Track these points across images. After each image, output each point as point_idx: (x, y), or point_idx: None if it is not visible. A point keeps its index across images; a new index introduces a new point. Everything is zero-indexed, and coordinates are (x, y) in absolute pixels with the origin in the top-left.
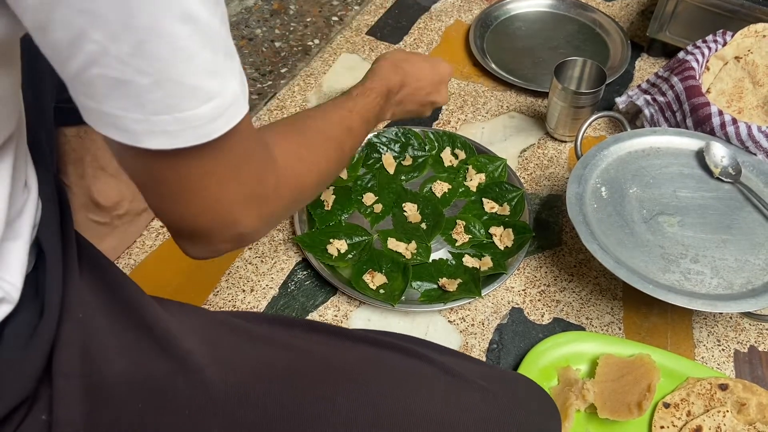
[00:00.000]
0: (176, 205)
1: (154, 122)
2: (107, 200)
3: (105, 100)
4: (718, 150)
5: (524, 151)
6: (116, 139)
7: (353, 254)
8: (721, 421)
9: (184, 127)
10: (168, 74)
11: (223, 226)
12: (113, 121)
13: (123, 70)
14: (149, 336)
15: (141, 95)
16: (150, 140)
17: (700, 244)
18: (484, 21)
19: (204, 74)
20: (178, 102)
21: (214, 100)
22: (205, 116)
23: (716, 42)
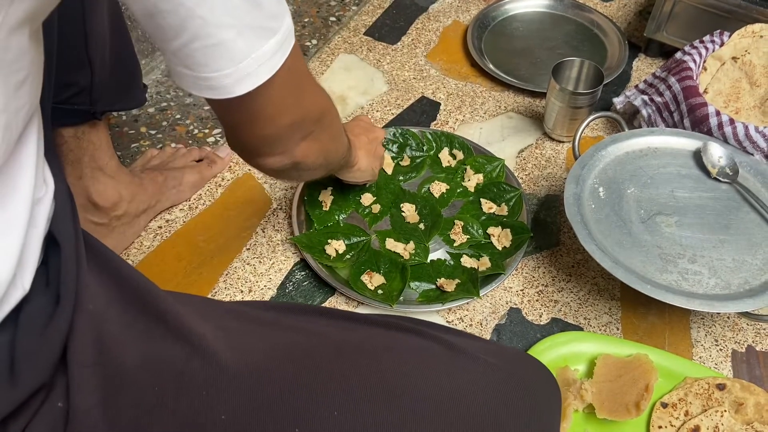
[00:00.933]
0: (257, 127)
1: (240, 69)
2: (105, 201)
3: (202, 68)
4: (715, 150)
5: (522, 152)
6: (213, 97)
7: (351, 255)
8: (719, 420)
9: (261, 64)
10: (246, 21)
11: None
12: (209, 84)
13: (217, 33)
14: (162, 323)
15: (230, 49)
16: (239, 88)
17: (697, 245)
18: (482, 21)
19: (269, 17)
20: (254, 45)
21: (276, 35)
22: (271, 50)
23: (713, 42)
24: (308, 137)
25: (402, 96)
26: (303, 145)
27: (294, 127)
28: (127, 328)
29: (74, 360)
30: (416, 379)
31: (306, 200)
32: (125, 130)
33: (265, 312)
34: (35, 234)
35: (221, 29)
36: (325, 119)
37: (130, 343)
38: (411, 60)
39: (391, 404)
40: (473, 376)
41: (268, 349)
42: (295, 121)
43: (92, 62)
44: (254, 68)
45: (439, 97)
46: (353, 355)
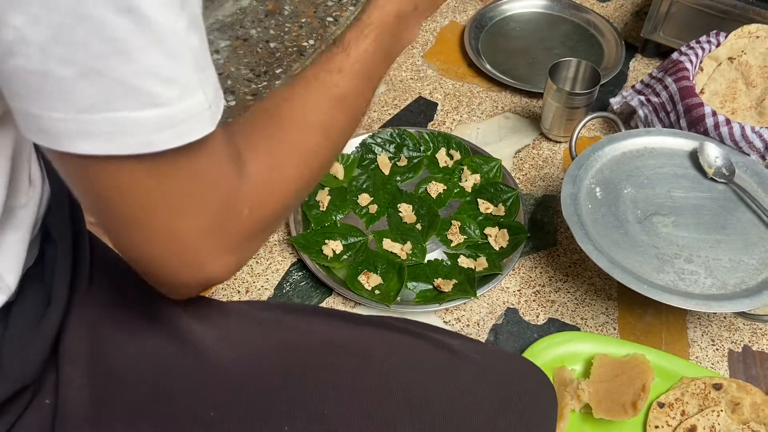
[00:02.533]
0: (125, 231)
1: (82, 121)
2: None
3: (27, 98)
4: (711, 150)
5: (519, 152)
6: (43, 144)
7: (348, 255)
8: (716, 420)
9: (119, 130)
10: (94, 66)
11: (184, 266)
12: (38, 124)
13: (43, 60)
14: (156, 320)
15: (63, 89)
16: (78, 143)
17: (694, 245)
18: (479, 22)
19: (150, 76)
20: (109, 99)
21: (162, 108)
22: (147, 123)
23: (710, 43)
24: (227, 250)
25: (399, 96)
26: (221, 259)
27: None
28: (123, 327)
29: (65, 357)
30: (409, 378)
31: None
32: None
33: (262, 312)
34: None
35: (48, 58)
36: (267, 229)
37: (123, 341)
38: (408, 60)
39: (382, 401)
40: (467, 377)
41: (261, 346)
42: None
43: None
44: (108, 130)
45: (436, 98)
46: (346, 352)
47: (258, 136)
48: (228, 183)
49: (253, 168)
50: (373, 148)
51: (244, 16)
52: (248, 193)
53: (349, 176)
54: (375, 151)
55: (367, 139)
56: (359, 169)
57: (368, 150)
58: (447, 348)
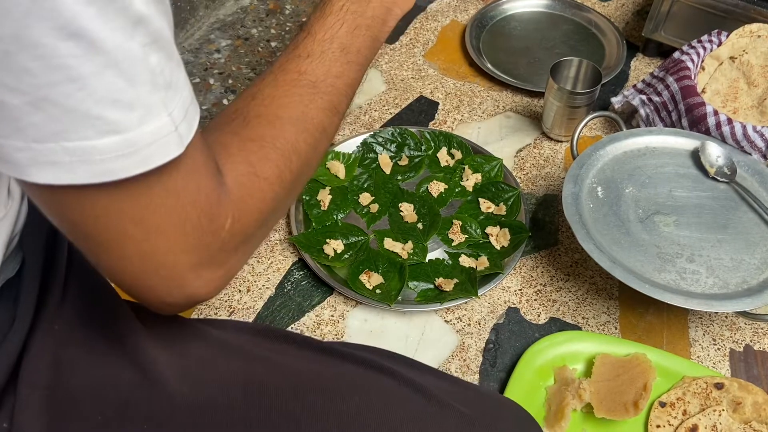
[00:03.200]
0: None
1: (39, 151)
2: None
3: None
4: (713, 150)
5: (520, 151)
6: (5, 171)
7: (350, 254)
8: (717, 420)
9: (77, 159)
10: (45, 94)
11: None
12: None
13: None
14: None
15: (15, 118)
16: (37, 172)
17: (695, 244)
18: (480, 21)
19: (105, 102)
20: (64, 129)
21: (121, 134)
22: (107, 151)
23: (711, 42)
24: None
25: (400, 95)
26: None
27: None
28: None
29: (24, 381)
30: (378, 427)
31: (304, 200)
32: None
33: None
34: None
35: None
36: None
37: (84, 367)
38: (409, 59)
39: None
40: (442, 426)
41: (223, 380)
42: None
43: None
44: (65, 160)
45: (438, 97)
46: (313, 396)
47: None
48: (207, 199)
49: (231, 177)
50: (374, 148)
51: (245, 15)
52: (228, 204)
53: (350, 175)
54: (376, 151)
55: (368, 138)
56: (360, 168)
57: (369, 149)
58: (426, 393)
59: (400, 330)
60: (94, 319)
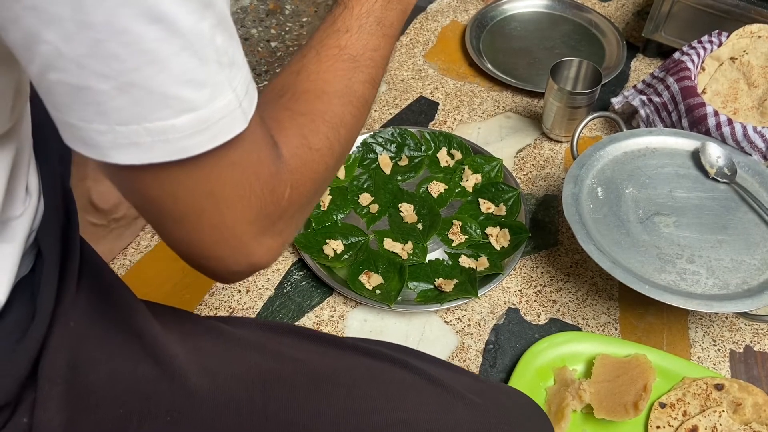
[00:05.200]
0: (177, 229)
1: (121, 133)
2: (105, 203)
3: (67, 109)
4: (713, 150)
5: (520, 152)
6: (85, 153)
7: (349, 255)
8: (717, 421)
9: (156, 139)
10: (131, 78)
11: (234, 254)
12: (80, 134)
13: (80, 74)
14: (137, 341)
15: (102, 102)
16: (118, 154)
17: (695, 245)
18: (480, 21)
19: (181, 83)
20: (146, 110)
21: (195, 112)
22: (184, 129)
23: (711, 42)
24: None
25: (400, 96)
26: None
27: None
28: (104, 346)
29: (44, 376)
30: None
31: None
32: None
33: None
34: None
35: (85, 72)
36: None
37: (103, 362)
38: (409, 60)
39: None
40: (454, 413)
41: (242, 374)
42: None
43: None
44: (146, 140)
45: (438, 97)
46: (330, 387)
47: (284, 116)
48: (268, 170)
49: (287, 149)
50: (374, 148)
51: (245, 15)
52: (286, 175)
53: (350, 176)
54: (376, 151)
55: (368, 138)
56: (360, 168)
57: (369, 149)
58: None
59: (399, 330)
60: (110, 316)
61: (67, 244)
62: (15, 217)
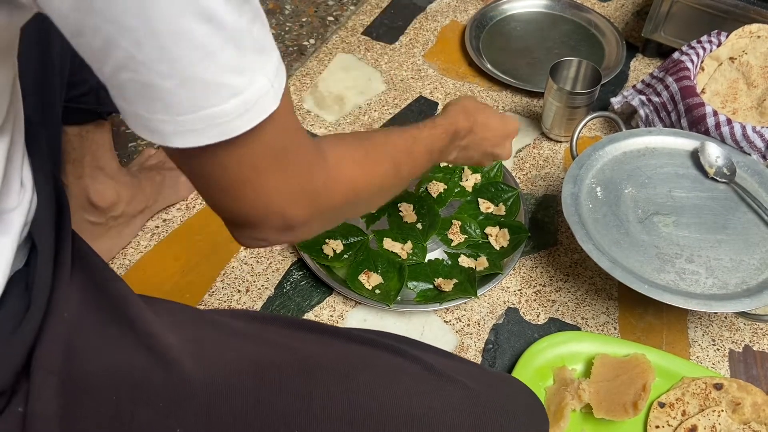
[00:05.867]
0: (224, 197)
1: (180, 122)
2: (103, 201)
3: (135, 102)
4: (712, 150)
5: (520, 152)
6: (149, 139)
7: (349, 254)
8: (716, 420)
9: (210, 124)
10: (189, 73)
11: (271, 217)
12: (145, 123)
13: (148, 74)
14: (131, 331)
15: (166, 98)
16: (178, 140)
17: (695, 244)
18: (480, 21)
19: (228, 71)
20: (201, 100)
21: (239, 96)
22: (231, 112)
23: (711, 42)
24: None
25: (400, 96)
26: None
27: (278, 212)
28: (99, 337)
29: (38, 366)
30: (386, 401)
31: None
32: (122, 129)
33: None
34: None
35: (152, 73)
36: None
37: (97, 352)
38: (409, 60)
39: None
40: (448, 399)
41: (234, 362)
42: (283, 206)
43: None
44: (201, 127)
45: (437, 97)
46: (322, 373)
47: (339, 141)
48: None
49: (333, 157)
50: None
51: None
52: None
53: None
54: None
55: None
56: None
57: None
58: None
59: (399, 330)
60: (104, 307)
61: (60, 236)
62: (10, 209)
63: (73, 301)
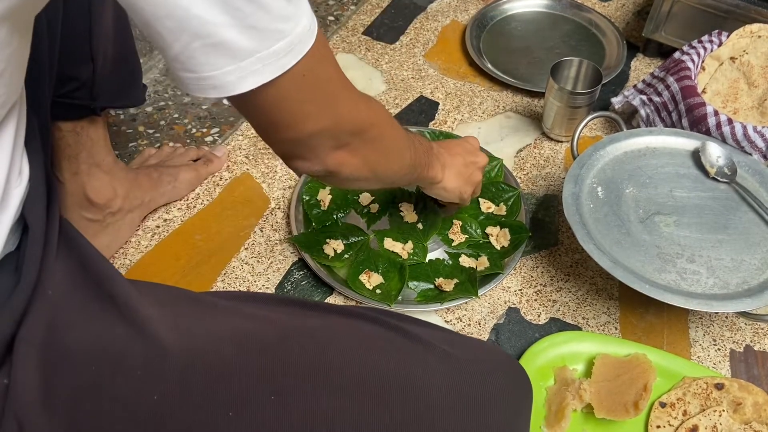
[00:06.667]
0: (283, 131)
1: (243, 67)
2: (100, 198)
3: (203, 67)
4: (713, 150)
5: (520, 151)
6: (216, 97)
7: (350, 254)
8: (717, 420)
9: (266, 63)
10: (249, 22)
11: (318, 153)
12: (211, 83)
13: (217, 32)
14: (113, 306)
15: (230, 48)
16: (243, 85)
17: (696, 244)
18: (481, 21)
19: (277, 19)
20: (259, 44)
21: (287, 38)
22: (281, 51)
23: (712, 42)
24: (343, 148)
25: (400, 95)
26: (336, 155)
27: (320, 136)
28: (81, 311)
29: (22, 339)
30: (361, 365)
31: (304, 200)
32: (123, 129)
33: (227, 300)
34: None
35: (220, 28)
36: (368, 133)
37: (79, 326)
38: (409, 59)
39: (331, 388)
40: (424, 363)
41: (212, 333)
42: (321, 130)
43: (95, 58)
44: (258, 67)
45: (438, 97)
46: (300, 340)
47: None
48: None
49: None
50: None
51: None
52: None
53: None
54: None
55: None
56: None
57: None
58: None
59: None
60: (88, 284)
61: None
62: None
63: (58, 279)
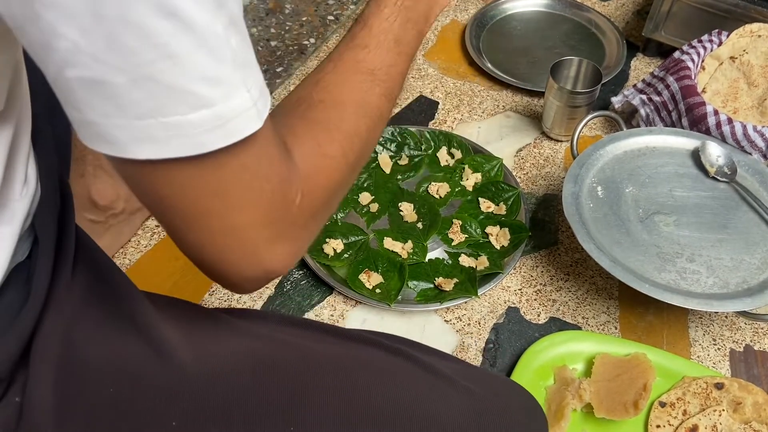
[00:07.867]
0: (186, 230)
1: (138, 127)
2: (104, 199)
3: (85, 106)
4: (713, 149)
5: (520, 151)
6: (104, 152)
7: (349, 254)
8: (717, 420)
9: (173, 134)
10: (146, 72)
11: (243, 260)
12: (98, 131)
13: (97, 68)
14: (131, 325)
15: (119, 96)
16: (136, 148)
17: (695, 244)
18: (480, 20)
19: (197, 79)
20: (162, 105)
21: (210, 109)
22: (199, 124)
23: (712, 42)
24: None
25: (400, 95)
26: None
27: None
28: (98, 329)
29: (37, 356)
30: (383, 400)
31: None
32: None
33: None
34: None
35: (100, 65)
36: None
37: (96, 343)
38: None
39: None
40: (446, 399)
41: (231, 355)
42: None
43: None
44: (162, 135)
45: (438, 96)
46: (321, 369)
47: (298, 123)
48: (278, 174)
49: (299, 155)
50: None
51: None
52: (297, 180)
53: None
54: (376, 150)
55: None
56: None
57: None
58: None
59: (399, 330)
60: (104, 300)
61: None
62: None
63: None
